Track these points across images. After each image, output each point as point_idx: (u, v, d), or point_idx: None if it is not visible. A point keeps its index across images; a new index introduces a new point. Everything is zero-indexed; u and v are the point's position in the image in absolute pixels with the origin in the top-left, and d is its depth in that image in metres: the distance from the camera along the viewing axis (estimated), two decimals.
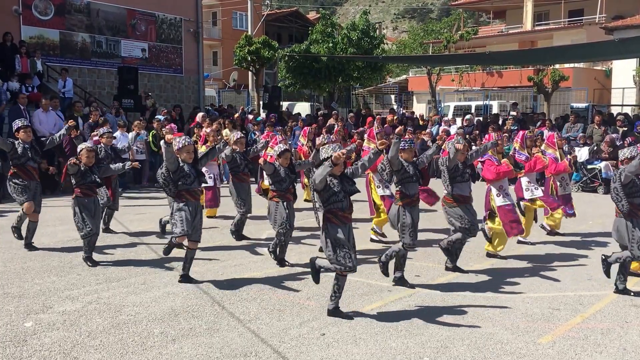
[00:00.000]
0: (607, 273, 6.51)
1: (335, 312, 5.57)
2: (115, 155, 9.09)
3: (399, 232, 6.51)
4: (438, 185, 7.62)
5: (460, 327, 5.38)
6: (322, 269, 5.79)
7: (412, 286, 6.53)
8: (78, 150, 7.54)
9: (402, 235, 6.43)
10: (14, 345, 4.84)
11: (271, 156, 8.30)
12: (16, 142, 8.03)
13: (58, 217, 10.06)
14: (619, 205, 6.25)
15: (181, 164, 6.39)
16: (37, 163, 8.18)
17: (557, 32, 34.61)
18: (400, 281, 6.56)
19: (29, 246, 8.05)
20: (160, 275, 6.86)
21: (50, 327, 5.23)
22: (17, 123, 8.24)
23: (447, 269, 7.19)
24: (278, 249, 7.44)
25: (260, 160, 7.70)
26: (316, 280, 5.88)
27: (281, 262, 7.42)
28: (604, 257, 6.56)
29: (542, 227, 9.41)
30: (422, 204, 7.13)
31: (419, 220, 6.72)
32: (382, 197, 8.46)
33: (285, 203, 7.33)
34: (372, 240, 8.75)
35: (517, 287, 6.63)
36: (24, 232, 8.08)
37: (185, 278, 6.61)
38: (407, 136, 10.35)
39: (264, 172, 8.34)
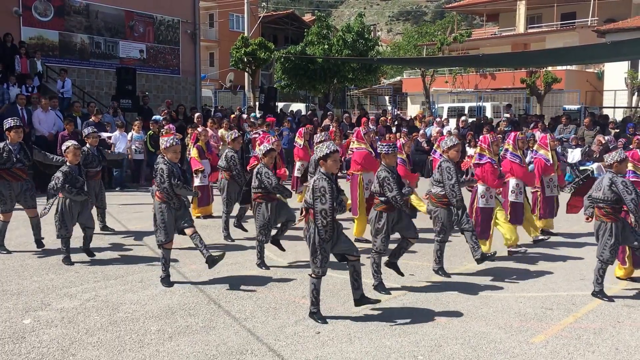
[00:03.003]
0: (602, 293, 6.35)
1: (314, 315, 5.48)
2: (102, 157, 9.05)
3: (372, 236, 6.41)
4: (426, 184, 7.56)
5: (454, 326, 5.44)
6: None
7: (389, 292, 6.31)
8: (64, 148, 7.39)
9: (374, 240, 6.35)
10: (12, 342, 4.89)
11: (255, 155, 8.25)
12: (2, 146, 7.63)
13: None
14: (586, 212, 6.56)
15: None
16: (26, 165, 7.87)
17: (549, 34, 34.78)
18: (379, 287, 6.37)
19: (39, 242, 8.00)
20: (157, 273, 6.84)
21: (48, 324, 5.27)
22: (10, 122, 7.75)
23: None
24: (257, 253, 7.28)
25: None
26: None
27: (262, 264, 7.26)
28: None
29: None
30: None
31: (416, 219, 6.75)
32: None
33: (269, 204, 7.15)
34: (357, 240, 8.68)
35: (510, 287, 6.70)
36: (9, 240, 7.95)
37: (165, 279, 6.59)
38: (401, 139, 10.41)
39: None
